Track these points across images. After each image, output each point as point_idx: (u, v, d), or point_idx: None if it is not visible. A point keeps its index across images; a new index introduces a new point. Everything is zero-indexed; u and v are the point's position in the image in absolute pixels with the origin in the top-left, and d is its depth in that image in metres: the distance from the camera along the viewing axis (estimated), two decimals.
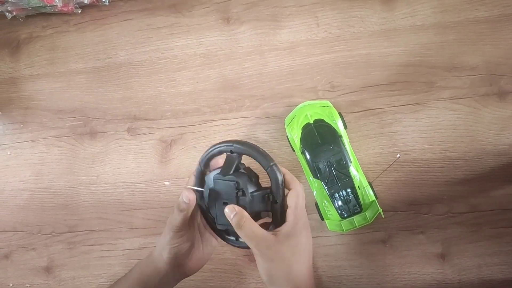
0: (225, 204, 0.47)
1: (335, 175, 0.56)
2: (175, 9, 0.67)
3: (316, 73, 0.62)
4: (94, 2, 0.67)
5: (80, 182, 0.68)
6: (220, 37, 0.65)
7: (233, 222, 0.44)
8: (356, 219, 0.56)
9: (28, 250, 0.69)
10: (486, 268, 0.57)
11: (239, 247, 0.51)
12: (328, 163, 0.56)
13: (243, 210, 0.45)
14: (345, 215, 0.56)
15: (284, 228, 0.45)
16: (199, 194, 0.50)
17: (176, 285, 0.53)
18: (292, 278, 0.45)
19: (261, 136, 0.63)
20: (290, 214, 0.46)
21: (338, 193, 0.56)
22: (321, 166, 0.56)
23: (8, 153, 0.70)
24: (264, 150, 0.47)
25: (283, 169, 0.47)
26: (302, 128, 0.57)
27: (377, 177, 0.59)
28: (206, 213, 0.51)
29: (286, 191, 0.48)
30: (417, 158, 0.59)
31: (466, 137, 0.58)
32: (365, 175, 0.58)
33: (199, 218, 0.53)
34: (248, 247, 0.48)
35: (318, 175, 0.56)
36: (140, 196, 0.66)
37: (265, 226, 0.47)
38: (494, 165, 0.58)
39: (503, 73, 0.58)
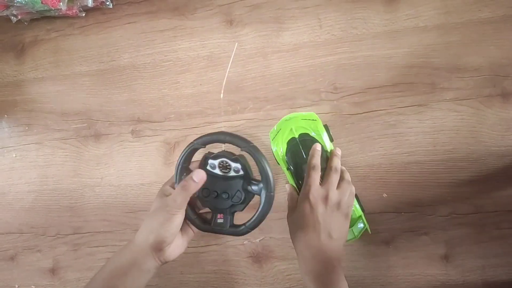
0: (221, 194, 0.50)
1: None
2: (178, 12, 0.67)
3: (319, 75, 0.62)
4: (98, 5, 0.68)
5: (84, 184, 0.68)
6: (223, 40, 0.66)
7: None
8: None
9: (34, 252, 0.69)
10: (490, 269, 0.57)
11: (222, 233, 0.52)
12: None
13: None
14: None
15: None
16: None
17: (181, 287, 0.53)
18: (313, 248, 0.49)
19: (264, 138, 0.63)
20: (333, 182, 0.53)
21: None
22: None
23: (14, 155, 0.71)
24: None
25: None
26: (287, 143, 0.56)
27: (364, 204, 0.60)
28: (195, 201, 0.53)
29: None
30: (420, 159, 0.59)
31: (470, 138, 0.58)
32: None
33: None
34: (230, 234, 0.51)
35: None
36: (144, 198, 0.66)
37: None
38: (498, 166, 0.58)
39: (507, 74, 0.58)
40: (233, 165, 0.50)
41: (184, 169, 0.51)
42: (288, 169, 0.56)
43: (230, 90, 0.65)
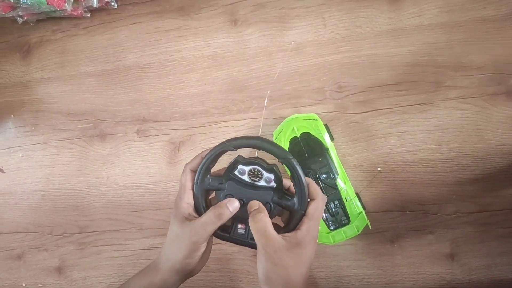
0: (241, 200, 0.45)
1: (322, 188, 0.56)
2: (183, 12, 0.68)
3: (323, 73, 0.63)
4: (103, 5, 0.68)
5: (90, 184, 0.69)
6: (228, 39, 0.66)
7: (251, 214, 0.43)
8: (345, 230, 0.56)
9: (40, 251, 0.70)
10: (496, 268, 0.57)
11: (241, 244, 0.47)
12: (316, 176, 0.56)
13: (265, 208, 0.44)
14: (333, 227, 0.57)
15: (296, 236, 0.43)
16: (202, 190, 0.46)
17: (186, 287, 0.53)
18: (289, 285, 0.44)
19: (270, 137, 0.63)
20: (305, 223, 0.44)
21: (326, 205, 0.56)
22: None
23: (20, 155, 0.72)
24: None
25: (308, 179, 0.45)
26: (289, 142, 0.58)
27: (362, 189, 0.60)
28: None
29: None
30: (425, 158, 0.59)
31: (474, 136, 0.58)
32: (353, 186, 0.58)
33: None
34: (250, 246, 0.46)
35: None
36: (150, 197, 0.67)
37: (275, 227, 0.47)
38: (503, 164, 0.58)
39: (511, 72, 0.58)
40: (266, 174, 0.45)
41: (208, 170, 0.46)
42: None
43: (234, 89, 0.65)
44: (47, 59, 0.72)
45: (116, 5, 0.69)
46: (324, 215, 0.57)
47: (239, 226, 0.46)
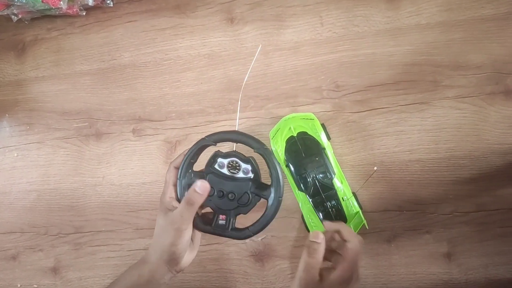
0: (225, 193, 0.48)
1: (319, 187, 0.56)
2: (179, 10, 0.67)
3: (321, 73, 0.62)
4: (98, 4, 0.68)
5: (86, 184, 0.68)
6: (224, 38, 0.65)
7: (308, 244, 0.45)
8: None
9: (35, 251, 0.69)
10: (493, 267, 0.57)
11: (222, 236, 0.49)
12: (312, 176, 0.56)
13: (323, 244, 0.45)
14: None
15: (335, 278, 0.44)
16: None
17: (184, 287, 0.53)
18: None
19: (265, 137, 0.63)
20: (345, 269, 0.44)
21: (323, 205, 0.56)
22: (305, 178, 0.56)
23: (15, 154, 0.71)
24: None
25: (340, 224, 0.47)
26: (286, 141, 0.57)
27: (359, 189, 0.60)
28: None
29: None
30: (422, 157, 0.59)
31: (472, 136, 0.58)
32: (350, 186, 0.58)
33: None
34: (230, 237, 0.49)
35: (302, 187, 0.56)
36: (146, 197, 0.66)
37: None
38: (500, 164, 0.57)
39: (509, 72, 0.58)
40: (243, 166, 0.48)
41: (190, 165, 0.49)
42: (286, 166, 0.57)
43: (231, 88, 0.65)
44: (42, 58, 0.71)
45: (111, 3, 0.68)
46: (321, 214, 0.56)
47: (220, 217, 0.48)
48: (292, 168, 0.56)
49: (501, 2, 0.58)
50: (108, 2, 0.68)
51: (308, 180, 0.56)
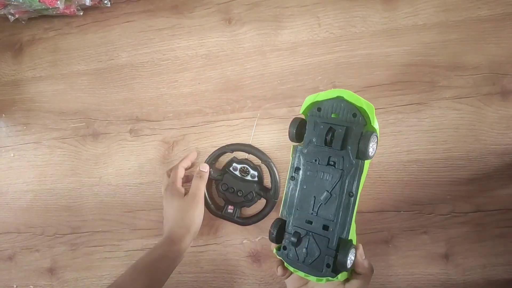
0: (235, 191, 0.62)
1: None
2: (176, 10, 0.67)
3: (318, 73, 0.62)
4: (96, 4, 0.68)
5: (83, 184, 0.68)
6: (222, 38, 0.65)
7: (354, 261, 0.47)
8: None
9: (32, 252, 0.69)
10: (491, 268, 0.57)
11: (229, 221, 0.63)
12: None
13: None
14: None
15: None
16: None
17: (178, 287, 0.53)
18: None
19: (263, 137, 0.63)
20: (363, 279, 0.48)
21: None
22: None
23: (12, 155, 0.71)
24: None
25: (359, 248, 0.48)
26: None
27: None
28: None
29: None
30: (420, 158, 0.59)
31: (469, 136, 0.58)
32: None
33: None
34: (236, 223, 0.62)
35: None
36: (143, 197, 0.66)
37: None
38: (497, 164, 0.57)
39: (506, 72, 0.58)
40: (252, 171, 0.62)
41: (212, 165, 0.63)
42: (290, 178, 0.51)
43: (228, 88, 0.65)
44: (39, 58, 0.71)
45: (109, 3, 0.68)
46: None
47: (229, 207, 0.63)
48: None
49: (497, 3, 0.58)
50: (105, 2, 0.67)
51: None
